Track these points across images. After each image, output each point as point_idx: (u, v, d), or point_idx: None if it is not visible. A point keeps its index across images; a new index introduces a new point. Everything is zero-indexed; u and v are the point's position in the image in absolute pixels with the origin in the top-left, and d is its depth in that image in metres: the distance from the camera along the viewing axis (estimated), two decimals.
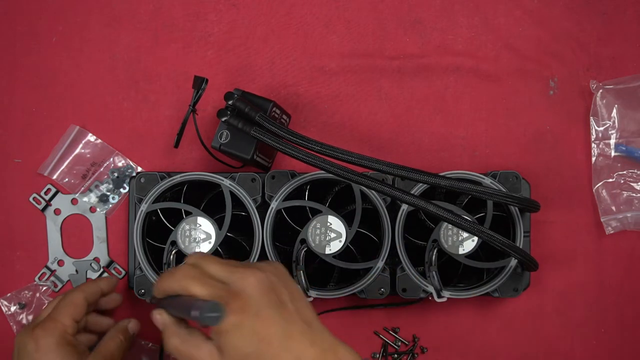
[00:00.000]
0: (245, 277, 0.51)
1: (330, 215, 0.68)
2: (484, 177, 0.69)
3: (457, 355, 0.76)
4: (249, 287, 0.51)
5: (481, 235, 0.60)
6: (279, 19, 0.78)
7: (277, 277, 0.53)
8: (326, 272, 0.72)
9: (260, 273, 0.52)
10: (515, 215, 0.70)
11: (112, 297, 0.69)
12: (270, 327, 0.50)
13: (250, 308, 0.50)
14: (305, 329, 0.51)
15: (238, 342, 0.49)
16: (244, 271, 0.52)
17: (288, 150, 0.62)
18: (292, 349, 0.50)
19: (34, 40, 0.77)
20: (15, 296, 0.76)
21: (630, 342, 0.76)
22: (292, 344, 0.50)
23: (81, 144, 0.77)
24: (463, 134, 0.77)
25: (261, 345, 0.49)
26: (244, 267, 0.53)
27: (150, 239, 0.71)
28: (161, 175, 0.70)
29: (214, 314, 0.48)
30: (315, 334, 0.52)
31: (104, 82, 0.77)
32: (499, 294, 0.70)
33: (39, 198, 0.76)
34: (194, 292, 0.51)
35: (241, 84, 0.77)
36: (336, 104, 0.77)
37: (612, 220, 0.75)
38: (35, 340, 0.59)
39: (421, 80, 0.77)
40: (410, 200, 0.60)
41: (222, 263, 0.54)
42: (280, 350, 0.49)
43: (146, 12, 0.78)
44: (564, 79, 0.77)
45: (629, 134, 0.76)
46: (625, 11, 0.78)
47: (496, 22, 0.77)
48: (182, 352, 0.52)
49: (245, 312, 0.49)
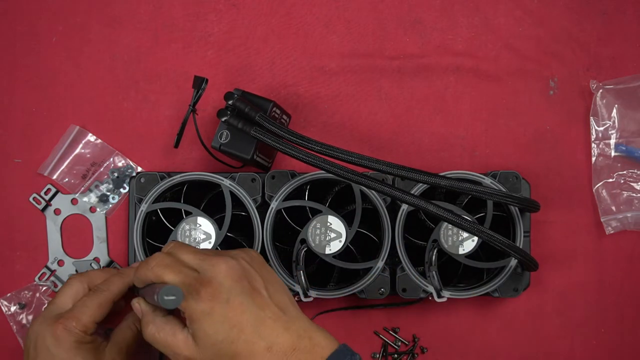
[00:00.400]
0: (216, 265, 0.52)
1: (330, 215, 0.68)
2: (484, 177, 0.69)
3: (457, 355, 0.76)
4: (220, 274, 0.51)
5: (481, 235, 0.60)
6: (279, 19, 0.78)
7: (251, 264, 0.54)
8: (326, 272, 0.72)
9: (232, 260, 0.52)
10: (515, 215, 0.70)
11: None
12: (241, 313, 0.50)
13: (221, 295, 0.50)
14: (279, 315, 0.52)
15: (210, 328, 0.50)
16: (215, 259, 0.52)
17: (288, 150, 0.62)
18: (265, 335, 0.50)
19: (34, 40, 0.77)
20: (15, 296, 0.76)
21: (630, 342, 0.76)
22: (265, 330, 0.50)
23: (81, 144, 0.77)
24: (463, 134, 0.77)
25: (233, 331, 0.50)
26: (216, 255, 0.53)
27: (150, 239, 0.71)
28: (161, 175, 0.70)
29: (171, 297, 0.48)
30: (289, 319, 0.52)
31: (104, 82, 0.77)
32: (499, 294, 0.70)
33: (39, 198, 0.76)
34: (167, 280, 0.52)
35: (241, 84, 0.77)
36: (336, 104, 0.77)
37: (612, 220, 0.75)
38: (56, 337, 0.59)
39: (421, 80, 0.77)
40: (410, 200, 0.60)
41: (196, 251, 0.54)
42: (253, 337, 0.50)
43: (146, 12, 0.78)
44: (564, 79, 0.77)
45: (629, 134, 0.76)
46: (625, 11, 0.78)
47: (496, 22, 0.77)
48: (158, 339, 0.53)
49: (216, 299, 0.50)
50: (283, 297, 0.54)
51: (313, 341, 0.51)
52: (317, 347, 0.51)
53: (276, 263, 0.69)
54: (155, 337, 0.53)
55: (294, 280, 0.68)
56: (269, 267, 0.57)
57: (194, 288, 0.50)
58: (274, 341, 0.50)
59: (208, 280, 0.51)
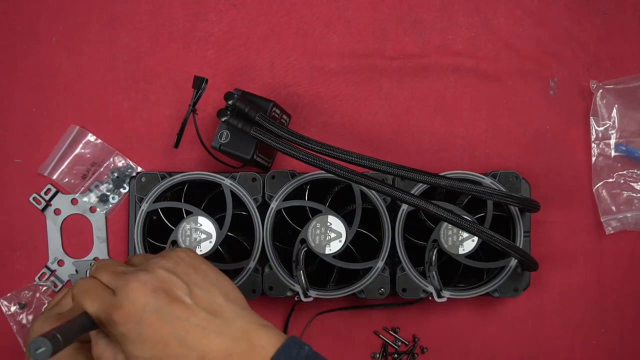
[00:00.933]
0: (127, 283, 0.48)
1: (330, 215, 0.68)
2: (484, 177, 0.69)
3: (457, 355, 0.76)
4: (131, 293, 0.48)
5: (481, 235, 0.60)
6: (279, 19, 0.78)
7: (173, 270, 0.50)
8: (326, 272, 0.72)
9: (144, 275, 0.49)
10: (515, 215, 0.70)
11: None
12: (160, 328, 0.47)
13: (133, 315, 0.47)
14: (209, 320, 0.48)
15: (133, 350, 0.47)
16: (127, 277, 0.49)
17: (288, 150, 0.62)
18: (194, 345, 0.47)
19: (34, 40, 0.77)
20: (15, 296, 0.76)
21: (630, 342, 0.76)
22: (193, 340, 0.47)
23: (81, 144, 0.77)
24: (463, 134, 0.77)
25: (157, 348, 0.47)
26: (130, 272, 0.50)
27: (150, 239, 0.71)
28: (162, 175, 0.70)
29: (41, 349, 0.45)
30: (223, 322, 0.48)
31: (104, 82, 0.77)
32: (499, 294, 0.70)
33: (39, 198, 0.76)
34: (85, 307, 0.49)
35: (241, 84, 0.77)
36: (336, 104, 0.77)
37: (612, 220, 0.75)
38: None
39: (421, 80, 0.77)
40: (410, 200, 0.60)
41: (115, 270, 0.51)
42: (181, 349, 0.47)
43: (146, 12, 0.78)
44: (564, 79, 0.77)
45: (629, 134, 0.76)
46: (625, 11, 0.78)
47: (496, 22, 0.77)
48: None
49: (128, 321, 0.47)
50: (215, 297, 0.50)
51: (252, 342, 0.48)
52: (258, 348, 0.47)
53: (276, 263, 0.69)
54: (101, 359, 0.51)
55: (294, 280, 0.68)
56: (202, 265, 0.53)
57: (107, 312, 0.48)
58: (206, 350, 0.47)
59: (119, 302, 0.48)
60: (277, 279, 0.69)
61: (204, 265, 0.53)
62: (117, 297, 0.48)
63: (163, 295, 0.48)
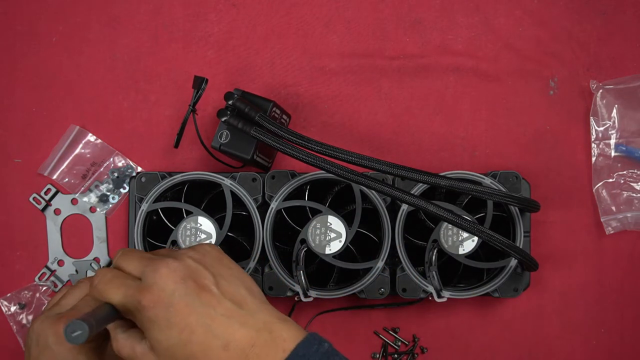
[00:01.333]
0: (156, 269, 0.49)
1: (330, 215, 0.68)
2: (484, 177, 0.69)
3: (457, 355, 0.76)
4: (160, 279, 0.49)
5: (481, 235, 0.60)
6: (279, 19, 0.78)
7: (201, 261, 0.52)
8: (326, 272, 0.72)
9: (173, 262, 0.50)
10: (515, 215, 0.70)
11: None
12: (188, 315, 0.48)
13: (162, 300, 0.48)
14: (234, 311, 0.49)
15: (159, 335, 0.48)
16: (157, 263, 0.50)
17: (288, 150, 0.62)
18: (219, 334, 0.48)
19: (34, 40, 0.77)
20: (15, 296, 0.76)
21: (630, 342, 0.76)
22: (219, 328, 0.48)
23: (81, 144, 0.77)
24: (463, 134, 0.77)
25: (183, 335, 0.48)
26: (158, 259, 0.51)
27: (150, 239, 0.71)
28: (162, 175, 0.70)
29: (77, 332, 0.46)
30: (247, 314, 0.50)
31: (104, 82, 0.77)
32: (499, 294, 0.70)
33: (39, 198, 0.76)
34: (110, 298, 0.50)
35: (241, 84, 0.77)
36: (336, 104, 0.77)
37: (612, 220, 0.75)
38: (58, 336, 0.57)
39: (421, 80, 0.77)
40: (411, 200, 0.60)
41: (141, 257, 0.52)
42: (206, 337, 0.48)
43: (146, 12, 0.78)
44: (564, 79, 0.77)
45: (629, 134, 0.76)
46: (625, 11, 0.78)
47: (496, 22, 0.77)
48: (122, 355, 0.51)
49: (157, 306, 0.48)
50: (239, 290, 0.51)
51: (274, 334, 0.49)
52: (279, 340, 0.49)
53: (276, 263, 0.69)
54: (120, 353, 0.52)
55: (294, 280, 0.68)
56: (226, 259, 0.55)
57: (136, 298, 0.49)
58: (230, 339, 0.48)
59: (148, 287, 0.49)
60: (277, 279, 0.69)
61: (227, 259, 0.55)
62: (145, 282, 0.49)
63: (191, 283, 0.49)
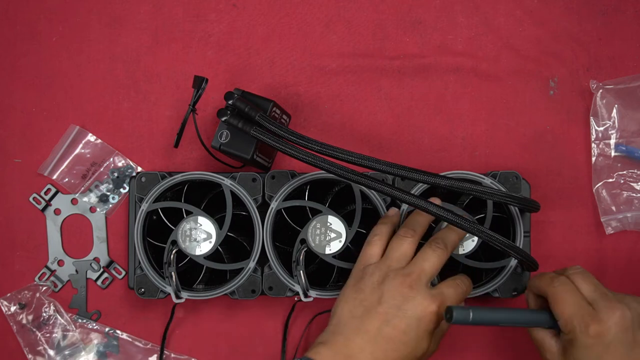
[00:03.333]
0: (613, 310, 0.55)
1: (330, 215, 0.68)
2: (484, 177, 0.69)
3: (457, 355, 0.76)
4: (611, 319, 0.55)
5: (481, 235, 0.60)
6: (279, 19, 0.78)
7: (638, 317, 0.57)
8: (326, 272, 0.72)
9: (626, 311, 0.55)
10: (515, 215, 0.70)
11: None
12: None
13: (605, 338, 0.54)
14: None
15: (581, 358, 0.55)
16: (613, 304, 0.56)
17: (288, 150, 0.62)
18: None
19: (34, 40, 0.77)
20: (15, 296, 0.76)
21: None
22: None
23: (81, 144, 0.77)
24: (463, 134, 0.77)
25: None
26: (614, 299, 0.56)
27: (150, 239, 0.71)
28: (162, 175, 0.70)
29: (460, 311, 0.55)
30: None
31: (104, 82, 0.77)
32: (499, 294, 0.70)
33: (39, 198, 0.76)
34: (560, 309, 0.57)
35: (241, 84, 0.77)
36: (336, 104, 0.77)
37: (612, 220, 0.75)
38: (423, 318, 0.58)
39: (421, 80, 0.77)
40: (411, 200, 0.60)
41: (596, 286, 0.58)
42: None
43: (146, 12, 0.78)
44: (564, 79, 0.77)
45: (629, 134, 0.76)
46: (625, 11, 0.78)
47: (496, 22, 0.77)
48: (533, 336, 0.61)
49: (599, 340, 0.54)
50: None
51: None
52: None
53: (276, 263, 0.69)
54: (532, 333, 0.61)
55: (294, 280, 0.68)
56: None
57: (585, 321, 0.55)
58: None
59: (599, 319, 0.55)
60: (277, 279, 0.69)
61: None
62: (598, 314, 0.55)
63: (629, 335, 0.55)
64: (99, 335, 0.76)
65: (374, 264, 0.62)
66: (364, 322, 0.58)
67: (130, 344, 0.75)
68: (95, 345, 0.76)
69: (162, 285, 0.70)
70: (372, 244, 0.64)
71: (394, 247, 0.62)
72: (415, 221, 0.65)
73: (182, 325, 0.76)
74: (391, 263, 0.61)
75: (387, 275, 0.60)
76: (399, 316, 0.57)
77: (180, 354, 0.75)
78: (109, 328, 0.76)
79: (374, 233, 0.65)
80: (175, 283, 0.68)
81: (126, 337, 0.76)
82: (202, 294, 0.69)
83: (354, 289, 0.61)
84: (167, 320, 0.74)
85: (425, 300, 0.58)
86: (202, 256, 0.69)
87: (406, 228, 0.64)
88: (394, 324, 0.57)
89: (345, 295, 0.61)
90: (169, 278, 0.68)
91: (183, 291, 0.69)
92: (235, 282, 0.69)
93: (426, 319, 0.58)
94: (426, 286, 0.59)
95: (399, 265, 0.61)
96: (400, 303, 0.58)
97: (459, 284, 0.62)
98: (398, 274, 0.59)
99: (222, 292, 0.69)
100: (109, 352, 0.75)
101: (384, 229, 0.65)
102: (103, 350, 0.75)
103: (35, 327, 0.75)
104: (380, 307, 0.58)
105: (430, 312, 0.58)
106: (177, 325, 0.76)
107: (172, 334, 0.76)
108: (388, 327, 0.57)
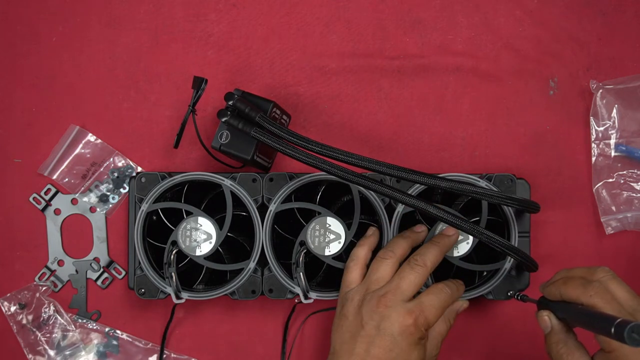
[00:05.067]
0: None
1: (329, 216, 0.68)
2: (479, 180, 0.69)
3: (457, 355, 0.76)
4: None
5: (481, 236, 0.60)
6: (279, 19, 0.77)
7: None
8: (326, 272, 0.72)
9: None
10: (510, 218, 0.69)
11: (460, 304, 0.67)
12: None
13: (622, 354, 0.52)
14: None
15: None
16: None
17: (288, 151, 0.62)
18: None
19: (34, 40, 0.77)
20: (15, 296, 0.76)
21: None
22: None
23: (81, 144, 0.77)
24: (463, 134, 0.77)
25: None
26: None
27: (150, 239, 0.71)
28: (162, 175, 0.70)
29: (636, 336, 0.48)
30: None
31: (104, 82, 0.77)
32: (493, 296, 0.69)
33: (39, 198, 0.76)
34: (601, 308, 0.53)
35: (241, 84, 0.77)
36: (336, 104, 0.77)
37: (612, 220, 0.75)
38: (404, 331, 0.58)
39: (421, 80, 0.77)
40: (411, 201, 0.60)
41: (631, 292, 0.55)
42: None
43: (146, 12, 0.78)
44: (564, 79, 0.77)
45: (629, 134, 0.76)
46: (625, 11, 0.77)
47: (496, 22, 0.77)
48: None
49: (618, 355, 0.52)
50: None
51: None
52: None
53: (275, 265, 0.69)
54: (562, 358, 0.56)
55: (293, 282, 0.68)
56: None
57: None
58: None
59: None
60: (277, 281, 0.69)
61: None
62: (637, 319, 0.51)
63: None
64: (99, 335, 0.76)
65: (354, 288, 0.63)
66: (353, 346, 0.59)
67: (130, 344, 0.76)
68: (95, 345, 0.76)
69: (162, 286, 0.70)
70: (350, 270, 0.65)
71: (373, 269, 0.63)
72: (395, 243, 0.65)
73: (182, 325, 0.76)
74: (370, 285, 0.62)
75: (365, 297, 0.61)
76: (380, 335, 0.58)
77: (180, 354, 0.76)
78: (109, 328, 0.76)
79: (350, 258, 0.66)
80: (176, 283, 0.68)
81: (126, 337, 0.76)
82: (202, 295, 0.69)
83: (340, 316, 0.62)
84: (167, 321, 0.74)
85: (400, 317, 0.58)
86: (202, 257, 0.69)
87: (385, 250, 0.64)
88: (378, 344, 0.58)
89: (334, 324, 0.63)
90: (169, 278, 0.68)
91: (183, 291, 0.69)
92: (236, 283, 0.69)
93: (406, 332, 0.58)
94: (403, 302, 0.59)
95: (377, 287, 0.61)
96: (378, 323, 0.59)
97: (442, 288, 0.62)
98: (374, 295, 0.60)
99: (222, 293, 0.69)
100: (109, 352, 0.76)
101: (360, 253, 0.66)
102: (103, 350, 0.76)
103: (35, 327, 0.75)
104: (362, 330, 0.59)
105: (408, 325, 0.58)
106: (177, 325, 0.76)
107: (172, 334, 0.76)
108: (374, 347, 0.58)
